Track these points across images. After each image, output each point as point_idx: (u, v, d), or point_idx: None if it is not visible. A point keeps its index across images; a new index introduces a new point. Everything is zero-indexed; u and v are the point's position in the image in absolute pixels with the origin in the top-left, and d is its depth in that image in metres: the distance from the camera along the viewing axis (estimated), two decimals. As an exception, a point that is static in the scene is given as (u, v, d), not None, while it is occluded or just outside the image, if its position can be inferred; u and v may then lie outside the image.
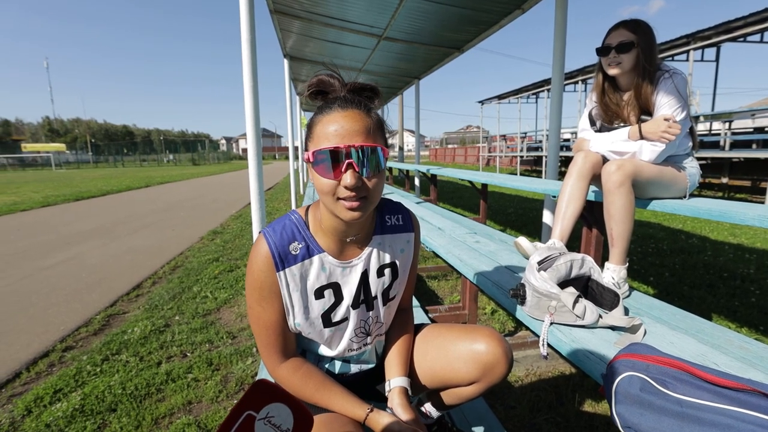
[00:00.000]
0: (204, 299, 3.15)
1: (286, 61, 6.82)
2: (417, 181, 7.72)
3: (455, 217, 3.07)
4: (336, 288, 0.86)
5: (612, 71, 1.60)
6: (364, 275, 0.88)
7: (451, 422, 1.21)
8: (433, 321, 2.10)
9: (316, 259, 0.83)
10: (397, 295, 0.95)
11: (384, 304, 0.92)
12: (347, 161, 0.71)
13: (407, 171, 8.02)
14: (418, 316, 1.93)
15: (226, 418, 0.53)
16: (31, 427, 1.71)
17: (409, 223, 0.95)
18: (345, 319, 0.88)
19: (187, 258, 4.45)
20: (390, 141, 0.85)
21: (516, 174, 14.68)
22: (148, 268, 4.06)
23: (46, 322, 2.78)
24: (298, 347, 0.93)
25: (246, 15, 2.17)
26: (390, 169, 10.61)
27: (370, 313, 0.91)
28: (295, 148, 8.16)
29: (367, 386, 1.02)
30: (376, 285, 0.90)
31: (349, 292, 0.87)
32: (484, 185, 4.46)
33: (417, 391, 1.01)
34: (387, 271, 0.91)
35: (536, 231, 5.32)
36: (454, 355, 0.92)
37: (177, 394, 1.93)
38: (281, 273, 0.81)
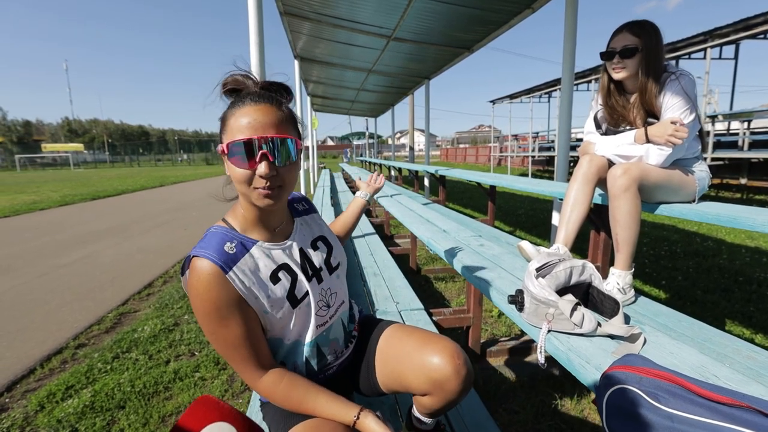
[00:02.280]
0: (213, 299, 3.19)
1: (296, 62, 6.87)
2: (426, 182, 7.70)
3: (462, 219, 3.05)
4: (286, 268, 0.88)
5: (616, 75, 1.58)
6: (302, 252, 0.93)
7: (451, 429, 1.21)
8: (436, 324, 2.10)
9: (254, 250, 0.85)
10: (341, 263, 1.02)
11: (330, 273, 0.97)
12: (261, 152, 0.75)
13: (416, 171, 8.00)
14: (422, 318, 1.93)
15: None
16: (44, 422, 1.76)
17: (311, 205, 1.08)
18: (306, 294, 0.90)
19: (198, 257, 4.52)
20: (401, 140, 0.89)
21: (527, 174, 14.52)
22: (160, 267, 4.14)
23: (60, 320, 2.86)
24: (278, 356, 0.92)
25: (254, 17, 2.20)
26: (399, 170, 10.60)
27: (322, 285, 0.94)
28: (306, 148, 8.20)
29: (349, 382, 1.04)
30: (316, 257, 0.95)
31: (298, 267, 0.90)
32: (492, 186, 4.43)
33: (381, 392, 1.02)
34: (319, 243, 0.98)
35: (546, 233, 5.26)
36: (409, 365, 0.93)
37: (184, 392, 1.96)
38: (231, 274, 0.79)
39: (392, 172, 11.81)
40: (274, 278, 0.86)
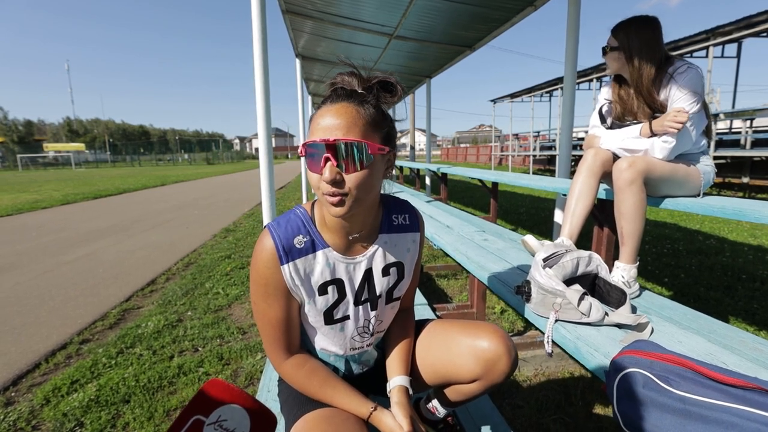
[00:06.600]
0: (216, 295, 3.20)
1: (298, 61, 6.87)
2: (428, 180, 7.70)
3: (464, 216, 3.06)
4: (339, 284, 0.85)
5: (607, 71, 1.71)
6: (368, 273, 0.87)
7: (457, 421, 1.21)
8: (439, 318, 2.10)
9: (320, 254, 0.82)
10: (401, 295, 0.95)
11: (387, 303, 0.92)
12: (323, 155, 0.70)
13: (418, 170, 8.01)
14: (426, 313, 1.93)
15: (171, 425, 0.47)
16: (49, 415, 1.76)
17: (415, 222, 0.95)
18: (346, 317, 0.87)
19: (200, 255, 4.53)
20: (402, 140, 0.83)
21: (528, 173, 14.51)
22: (163, 265, 4.15)
23: (65, 316, 2.87)
24: (304, 347, 0.93)
25: (257, 16, 2.20)
26: (401, 168, 10.60)
27: (373, 312, 0.90)
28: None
29: (370, 382, 1.02)
30: (380, 284, 0.89)
31: (351, 289, 0.86)
32: (494, 184, 4.43)
33: (420, 388, 1.00)
34: (392, 270, 0.90)
35: (548, 230, 5.25)
36: (457, 350, 0.90)
37: (188, 387, 1.97)
38: (285, 267, 0.80)
39: (393, 171, 11.83)
40: (323, 290, 0.84)
